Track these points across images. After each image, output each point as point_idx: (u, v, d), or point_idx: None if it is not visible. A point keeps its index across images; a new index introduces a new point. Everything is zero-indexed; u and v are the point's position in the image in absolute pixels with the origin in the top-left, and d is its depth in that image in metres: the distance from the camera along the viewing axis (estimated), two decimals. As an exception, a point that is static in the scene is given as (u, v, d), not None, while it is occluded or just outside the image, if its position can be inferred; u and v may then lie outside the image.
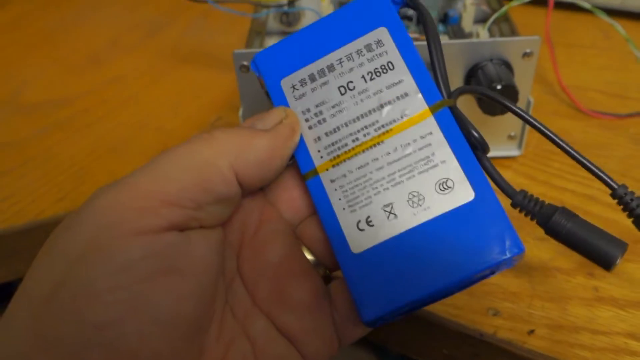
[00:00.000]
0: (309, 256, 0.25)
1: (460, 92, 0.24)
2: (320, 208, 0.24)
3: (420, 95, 0.24)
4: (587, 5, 0.36)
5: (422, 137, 0.23)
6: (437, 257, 0.22)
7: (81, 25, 0.61)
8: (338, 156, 0.24)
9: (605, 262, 0.22)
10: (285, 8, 0.40)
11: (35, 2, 0.66)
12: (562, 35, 0.52)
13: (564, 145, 0.23)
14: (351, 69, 0.25)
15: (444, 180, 0.22)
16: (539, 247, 0.32)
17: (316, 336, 0.23)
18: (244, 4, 0.40)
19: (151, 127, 0.45)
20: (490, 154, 0.37)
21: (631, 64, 0.42)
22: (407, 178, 0.23)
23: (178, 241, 0.20)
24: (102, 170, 0.41)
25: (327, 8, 0.41)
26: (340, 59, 0.25)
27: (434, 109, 0.23)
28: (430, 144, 0.23)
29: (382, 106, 0.24)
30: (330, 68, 0.25)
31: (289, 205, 0.25)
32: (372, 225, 0.23)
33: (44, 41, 0.59)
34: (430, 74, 0.24)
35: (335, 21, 0.25)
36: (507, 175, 0.38)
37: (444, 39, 0.39)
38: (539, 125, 0.23)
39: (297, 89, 0.25)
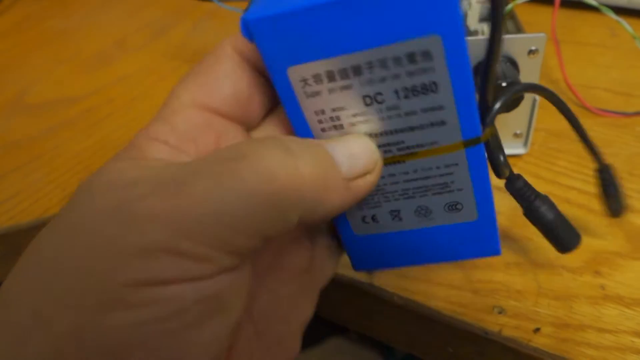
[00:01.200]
0: None
1: (497, 112, 0.21)
2: None
3: (458, 127, 0.20)
4: (594, 2, 0.36)
5: (446, 166, 0.21)
6: (427, 245, 0.24)
7: (88, 26, 0.62)
8: None
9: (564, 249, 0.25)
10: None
11: (42, 3, 0.66)
12: (568, 33, 0.52)
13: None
14: (383, 79, 0.19)
15: (455, 203, 0.23)
16: (545, 245, 0.32)
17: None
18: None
19: (157, 126, 0.45)
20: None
21: (638, 62, 0.41)
22: (420, 195, 0.23)
23: (230, 281, 0.18)
24: (108, 168, 0.41)
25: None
26: (371, 62, 0.19)
27: (468, 144, 0.20)
28: (452, 173, 0.22)
29: (412, 129, 0.20)
30: (357, 71, 0.19)
31: None
32: (376, 222, 0.24)
33: (51, 41, 0.59)
34: (475, 100, 0.20)
35: (375, 7, 0.18)
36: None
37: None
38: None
39: (310, 85, 0.20)
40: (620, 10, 0.53)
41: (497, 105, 0.21)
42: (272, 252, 0.24)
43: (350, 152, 0.20)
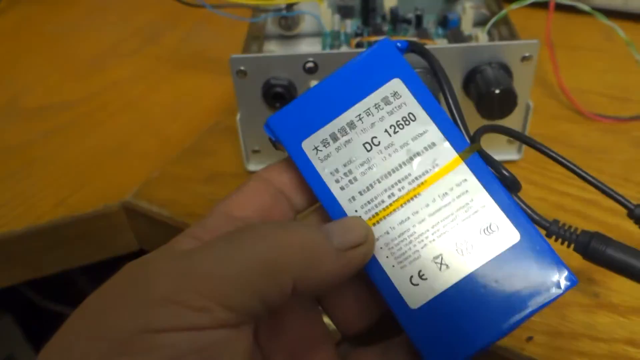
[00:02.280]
0: (326, 320, 0.25)
1: (482, 132, 0.24)
2: (370, 270, 0.24)
3: (447, 143, 0.24)
4: (587, 8, 0.36)
5: (457, 185, 0.23)
6: (496, 301, 0.22)
7: (83, 31, 0.61)
8: (377, 214, 0.24)
9: None
10: (284, 12, 0.40)
11: (37, 7, 0.66)
12: (564, 37, 0.52)
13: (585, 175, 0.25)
14: (372, 124, 0.24)
15: (488, 224, 0.23)
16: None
17: None
18: (243, 8, 0.40)
19: (150, 131, 0.45)
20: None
21: (633, 66, 0.41)
22: (451, 227, 0.23)
23: (225, 338, 0.20)
24: (102, 174, 0.41)
25: (326, 12, 0.41)
26: (359, 115, 0.24)
27: (463, 156, 0.24)
28: (467, 191, 0.23)
29: (411, 158, 0.24)
30: (351, 125, 0.24)
31: None
32: (425, 279, 0.23)
33: (45, 46, 0.59)
34: (452, 121, 0.24)
35: (345, 77, 0.25)
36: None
37: (442, 43, 0.39)
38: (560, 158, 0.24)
39: (321, 150, 0.24)
40: (615, 14, 0.53)
41: (482, 127, 0.25)
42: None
43: (342, 228, 0.22)
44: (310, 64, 0.34)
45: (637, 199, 0.35)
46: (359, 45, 0.38)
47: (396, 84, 0.24)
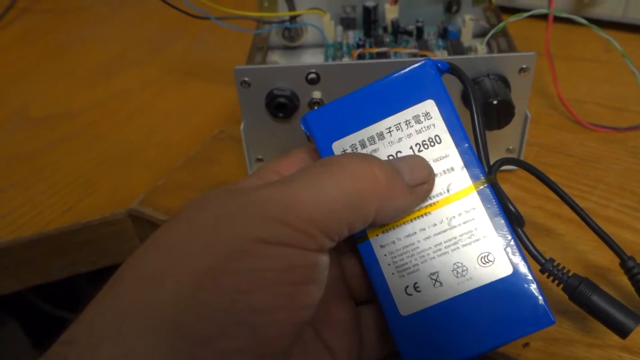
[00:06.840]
0: None
1: (500, 165, 0.26)
2: (370, 271, 0.25)
3: (465, 171, 0.25)
4: (583, 21, 0.37)
5: (466, 212, 0.25)
6: (477, 324, 0.24)
7: (89, 40, 0.62)
8: (387, 224, 0.25)
9: (621, 332, 0.25)
10: (288, 24, 0.41)
11: (44, 17, 0.67)
12: (563, 48, 0.53)
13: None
14: (400, 139, 0.26)
15: (486, 254, 0.24)
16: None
17: (350, 355, 0.26)
18: (247, 20, 0.41)
19: (156, 139, 0.46)
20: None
21: (631, 77, 0.42)
22: (452, 249, 0.25)
23: (323, 260, 0.23)
24: (108, 182, 0.42)
25: (328, 24, 0.41)
26: (390, 127, 0.26)
27: (477, 186, 0.25)
28: (473, 219, 0.25)
29: None
30: (380, 136, 0.26)
31: None
32: (419, 291, 0.25)
33: (52, 55, 0.60)
34: (473, 150, 0.25)
35: (384, 89, 0.26)
36: (505, 188, 0.38)
37: (442, 54, 0.40)
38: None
39: None
40: (614, 25, 0.54)
41: (501, 160, 0.26)
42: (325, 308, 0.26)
43: (409, 165, 0.24)
44: (312, 75, 0.34)
45: (633, 207, 0.36)
46: (360, 56, 0.39)
47: (430, 105, 0.26)
